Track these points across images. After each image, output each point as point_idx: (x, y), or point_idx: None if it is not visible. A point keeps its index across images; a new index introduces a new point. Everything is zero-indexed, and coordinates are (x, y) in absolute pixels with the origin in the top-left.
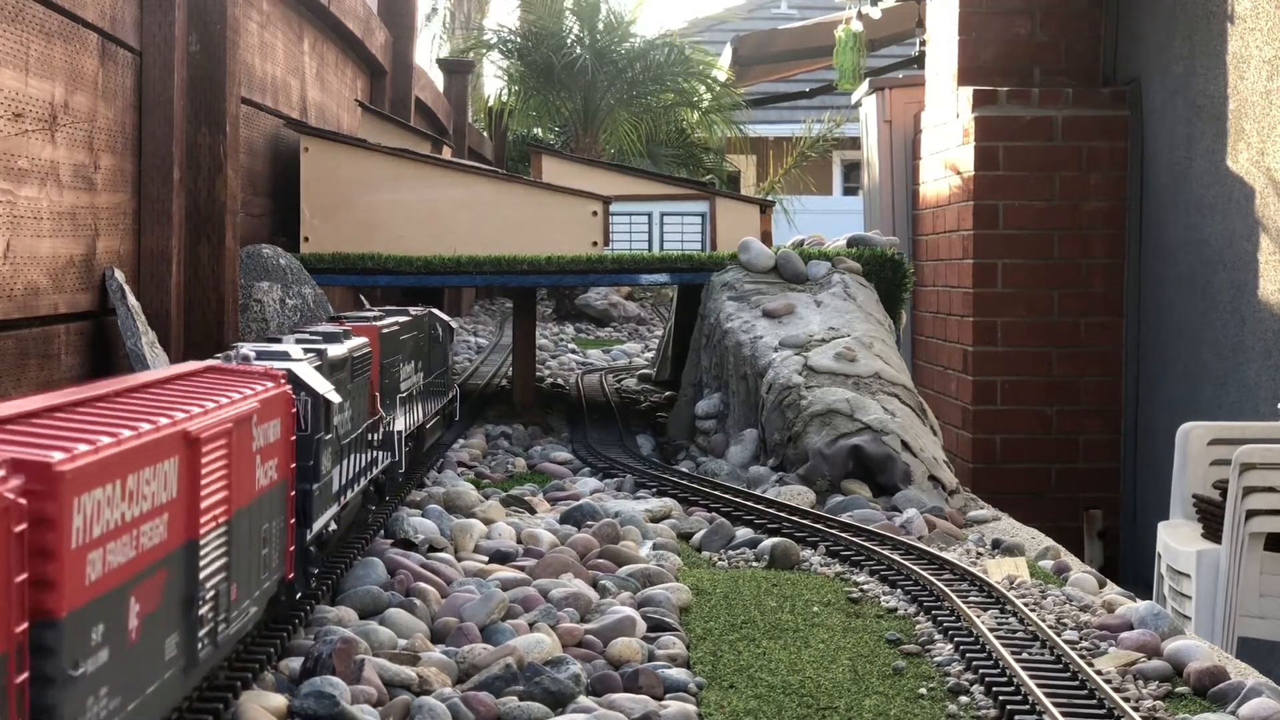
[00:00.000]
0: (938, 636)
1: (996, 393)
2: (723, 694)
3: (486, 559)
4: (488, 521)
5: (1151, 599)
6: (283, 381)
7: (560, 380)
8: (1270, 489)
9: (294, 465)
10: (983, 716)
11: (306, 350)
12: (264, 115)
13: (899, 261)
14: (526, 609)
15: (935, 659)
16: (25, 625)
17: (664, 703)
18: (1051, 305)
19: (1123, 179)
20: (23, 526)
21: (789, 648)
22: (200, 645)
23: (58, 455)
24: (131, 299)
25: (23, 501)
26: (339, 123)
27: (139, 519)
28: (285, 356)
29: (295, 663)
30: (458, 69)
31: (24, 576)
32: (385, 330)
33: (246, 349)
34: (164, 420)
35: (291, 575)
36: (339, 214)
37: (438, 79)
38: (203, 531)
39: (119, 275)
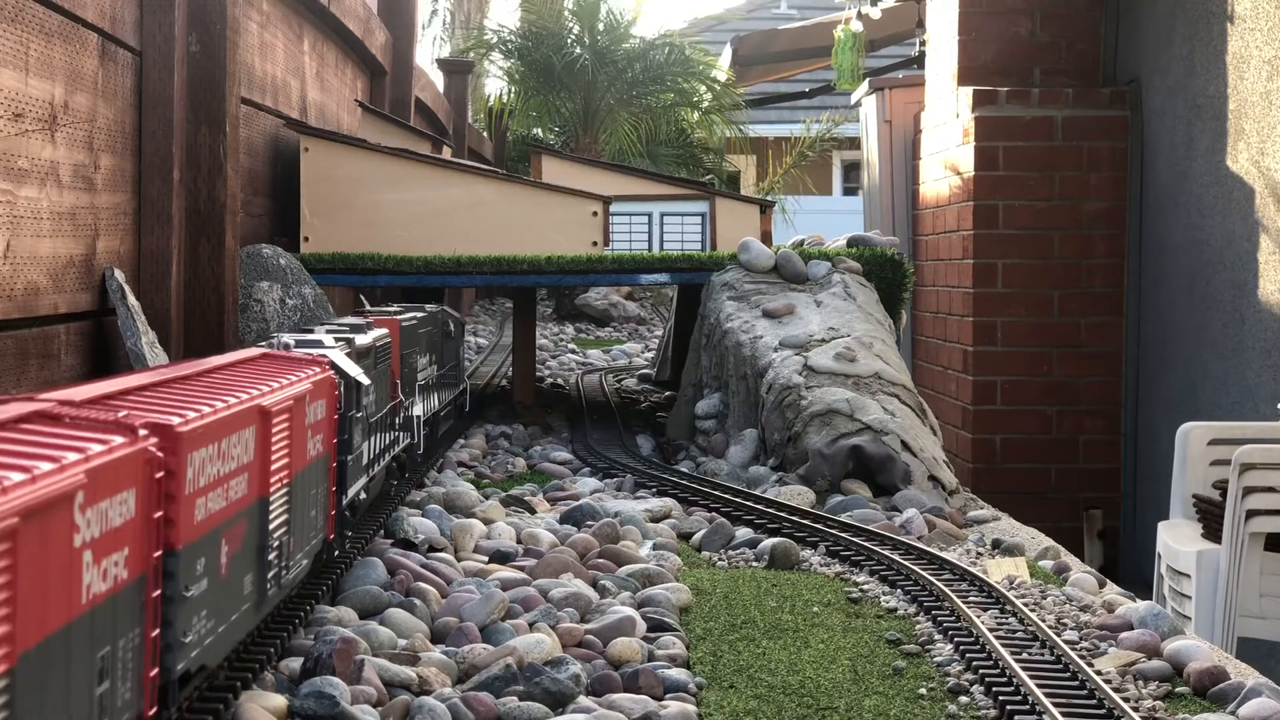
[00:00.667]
0: (938, 636)
1: (996, 393)
2: (723, 694)
3: (486, 559)
4: (488, 521)
5: (1151, 599)
6: (327, 367)
7: (560, 380)
8: (1270, 489)
9: (335, 440)
10: (983, 716)
11: (337, 339)
12: (264, 115)
13: (899, 261)
14: (526, 609)
15: (935, 659)
16: (159, 552)
17: (664, 703)
18: (1051, 305)
19: (1123, 179)
20: (161, 474)
21: (789, 648)
22: (268, 586)
23: (176, 420)
24: (131, 299)
25: (160, 455)
26: (339, 123)
27: (228, 475)
28: (320, 344)
29: (295, 663)
30: (458, 69)
31: (160, 514)
32: (404, 323)
33: (287, 338)
34: (244, 396)
35: (332, 536)
36: (339, 214)
37: (438, 79)
38: (271, 491)
39: (119, 275)
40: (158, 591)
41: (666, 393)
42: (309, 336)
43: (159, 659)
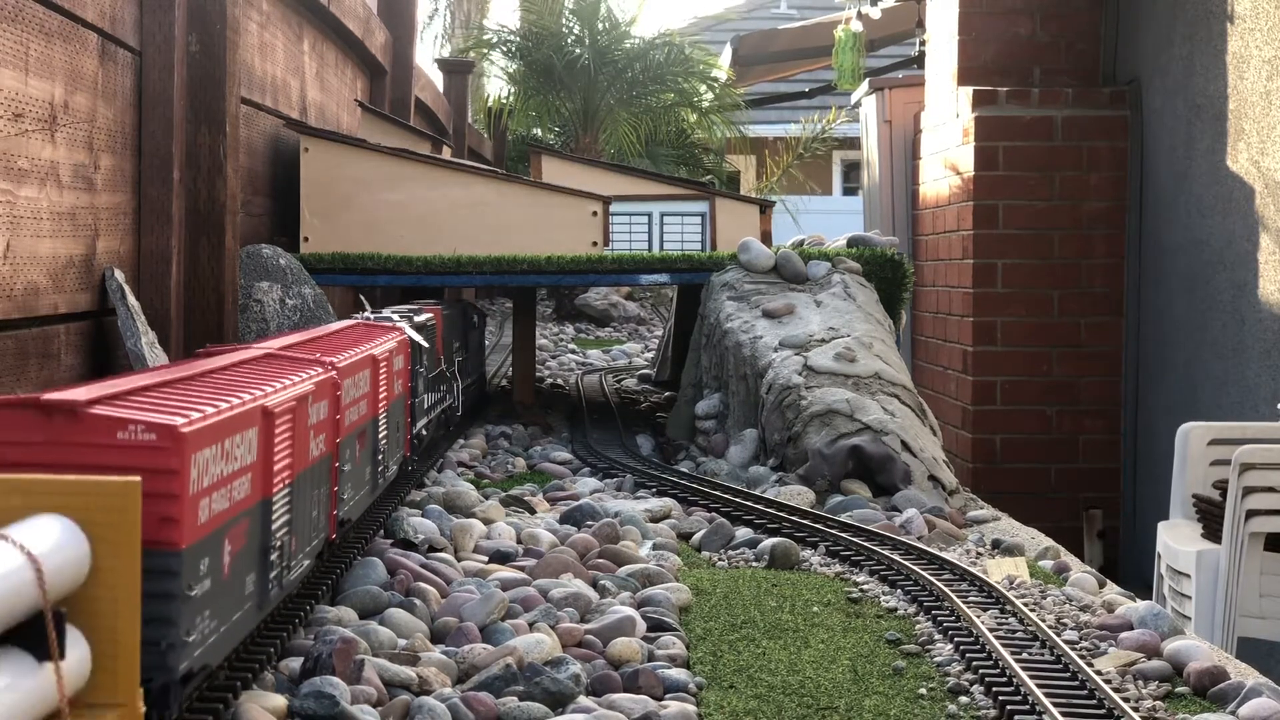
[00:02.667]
0: (938, 636)
1: (996, 393)
2: (723, 694)
3: (486, 559)
4: (488, 521)
5: (1151, 599)
6: (404, 333)
7: (560, 380)
8: (1270, 489)
9: (409, 385)
10: (982, 716)
11: (401, 317)
12: (264, 115)
13: (899, 261)
14: (526, 609)
15: (935, 659)
16: (338, 440)
17: (664, 703)
18: (1051, 305)
19: (1123, 179)
20: (339, 393)
21: (789, 648)
22: (378, 479)
23: (339, 359)
24: (131, 299)
25: (339, 380)
26: (339, 123)
27: (358, 399)
28: (391, 320)
29: (295, 663)
30: (458, 69)
31: (338, 417)
32: (445, 311)
33: (366, 314)
34: (364, 347)
35: (409, 454)
36: (339, 214)
37: (438, 79)
38: (379, 414)
39: (119, 275)
40: (336, 464)
41: (666, 393)
42: (381, 314)
43: (336, 506)
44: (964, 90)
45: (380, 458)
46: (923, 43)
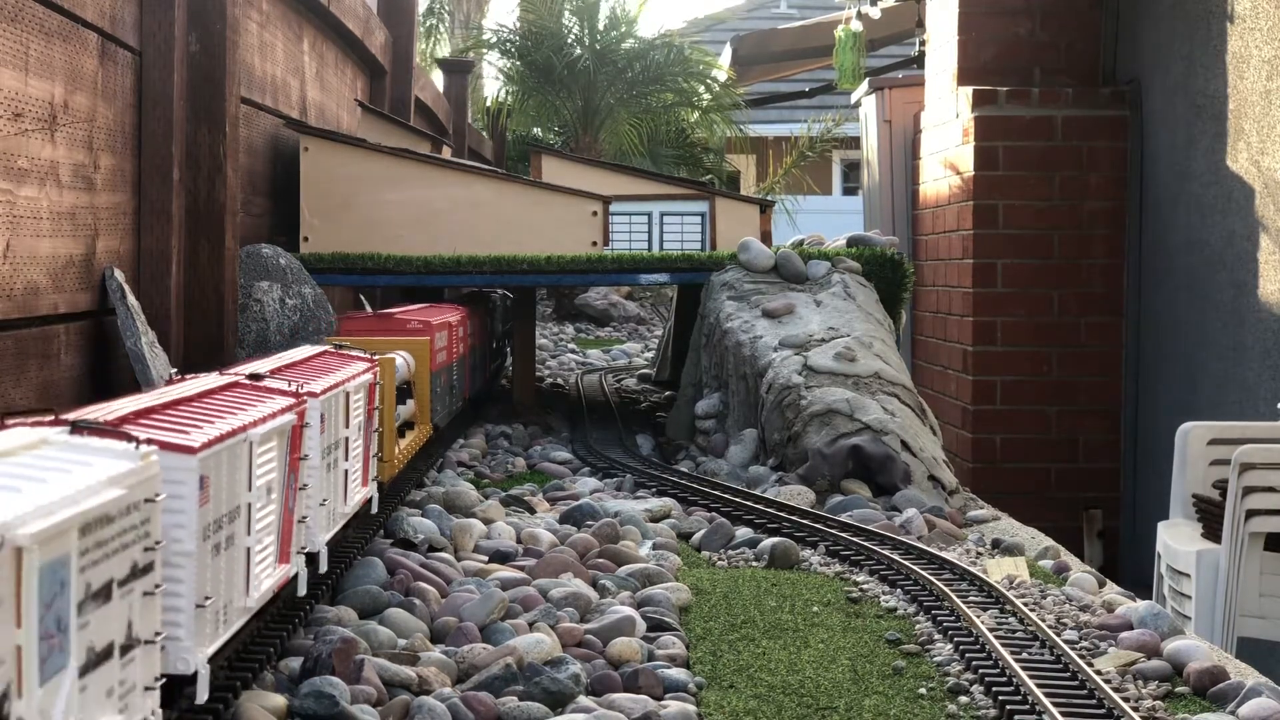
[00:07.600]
0: (937, 636)
1: (996, 393)
2: (722, 694)
3: (486, 559)
4: (487, 521)
5: (1151, 599)
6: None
7: (560, 380)
8: (1270, 489)
9: (479, 342)
10: (982, 716)
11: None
12: (264, 115)
13: (899, 261)
14: (526, 609)
15: (935, 659)
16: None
17: (664, 703)
18: (1051, 305)
19: (1123, 179)
20: (467, 324)
21: (789, 648)
22: (477, 378)
23: (464, 308)
24: (131, 299)
25: (467, 316)
26: (339, 123)
27: (471, 332)
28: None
29: (295, 663)
30: (458, 69)
31: (466, 336)
32: (495, 295)
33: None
34: (460, 311)
35: (486, 379)
36: (339, 214)
37: (438, 79)
38: (477, 345)
39: (119, 275)
40: (468, 360)
41: (666, 393)
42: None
43: (468, 388)
44: (964, 90)
45: (475, 372)
46: (923, 43)
